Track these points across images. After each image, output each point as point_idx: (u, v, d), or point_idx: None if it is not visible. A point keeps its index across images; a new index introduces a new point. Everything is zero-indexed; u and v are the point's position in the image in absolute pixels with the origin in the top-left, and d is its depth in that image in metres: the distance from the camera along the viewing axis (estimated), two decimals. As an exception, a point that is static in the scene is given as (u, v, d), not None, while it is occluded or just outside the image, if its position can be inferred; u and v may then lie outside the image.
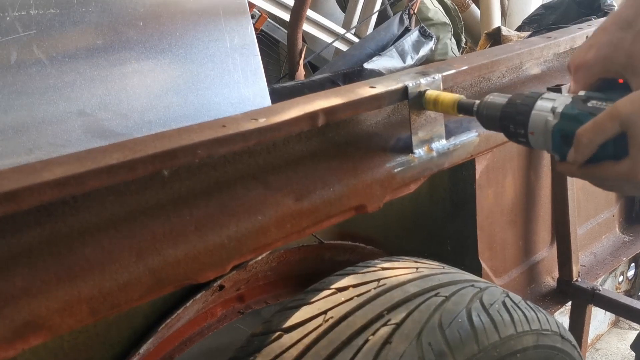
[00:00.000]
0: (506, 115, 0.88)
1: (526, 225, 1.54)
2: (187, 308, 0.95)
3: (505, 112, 0.89)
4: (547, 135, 0.84)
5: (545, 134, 0.84)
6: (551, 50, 1.33)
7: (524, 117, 0.86)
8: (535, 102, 0.85)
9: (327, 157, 0.96)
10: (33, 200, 0.63)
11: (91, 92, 1.18)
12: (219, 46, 1.38)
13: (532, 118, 0.85)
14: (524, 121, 0.86)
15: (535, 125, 0.85)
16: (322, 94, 0.95)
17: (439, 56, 3.56)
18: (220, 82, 1.39)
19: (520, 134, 0.87)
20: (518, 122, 0.87)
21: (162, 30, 1.29)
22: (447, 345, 0.82)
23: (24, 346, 0.65)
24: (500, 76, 1.26)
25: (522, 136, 0.87)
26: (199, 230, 0.78)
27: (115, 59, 1.22)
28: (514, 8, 4.09)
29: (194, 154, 0.76)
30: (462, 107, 0.96)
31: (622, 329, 2.27)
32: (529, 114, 0.85)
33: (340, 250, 1.23)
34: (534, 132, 0.85)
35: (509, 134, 0.90)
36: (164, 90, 1.30)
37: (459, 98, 0.96)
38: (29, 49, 1.10)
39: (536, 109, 0.85)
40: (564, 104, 0.83)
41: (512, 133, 0.89)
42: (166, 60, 1.30)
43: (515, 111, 0.87)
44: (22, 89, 1.10)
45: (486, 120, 0.93)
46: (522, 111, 0.86)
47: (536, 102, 0.85)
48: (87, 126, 1.18)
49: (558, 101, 0.84)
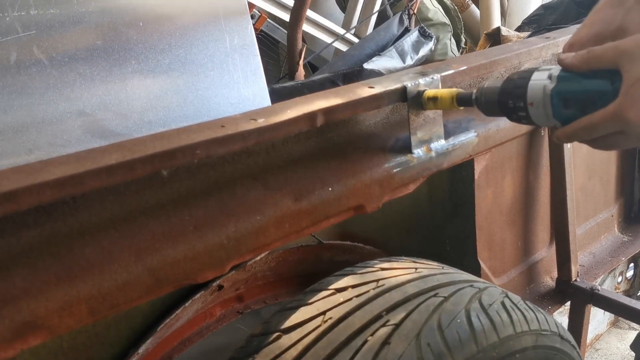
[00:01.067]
0: (505, 92, 0.89)
1: (525, 225, 1.54)
2: (186, 308, 0.95)
3: (504, 89, 0.89)
4: (546, 102, 0.84)
5: (544, 101, 0.84)
6: (550, 51, 1.34)
7: (522, 90, 0.86)
8: (532, 74, 0.86)
9: (326, 157, 0.96)
10: (33, 200, 0.63)
11: (91, 92, 1.18)
12: (218, 46, 1.38)
13: (530, 88, 0.86)
14: (522, 93, 0.86)
15: (533, 95, 0.85)
16: (321, 94, 0.95)
17: (438, 56, 3.56)
18: (220, 83, 1.38)
19: (519, 107, 0.87)
20: (517, 95, 0.87)
21: (161, 30, 1.29)
22: (446, 346, 0.82)
23: (24, 346, 0.65)
24: (499, 76, 1.26)
25: (522, 110, 0.87)
26: (198, 230, 0.79)
27: (115, 59, 1.22)
28: (514, 8, 4.09)
29: (193, 154, 0.76)
30: (461, 99, 0.96)
31: (621, 329, 2.27)
32: (526, 85, 0.86)
33: (339, 250, 1.24)
34: (533, 102, 0.85)
35: (509, 112, 0.90)
36: (164, 91, 1.30)
37: (456, 92, 0.97)
38: (29, 49, 1.10)
39: (533, 79, 0.86)
40: (560, 69, 0.84)
41: (512, 109, 0.89)
42: (166, 60, 1.30)
43: (513, 85, 0.88)
44: (22, 89, 1.10)
45: (486, 106, 0.93)
46: (520, 84, 0.87)
47: (533, 74, 0.86)
48: (87, 126, 1.18)
49: (554, 69, 0.85)
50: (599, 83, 0.80)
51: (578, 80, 0.82)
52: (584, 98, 0.82)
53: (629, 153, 1.90)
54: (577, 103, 0.82)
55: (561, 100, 0.83)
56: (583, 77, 0.82)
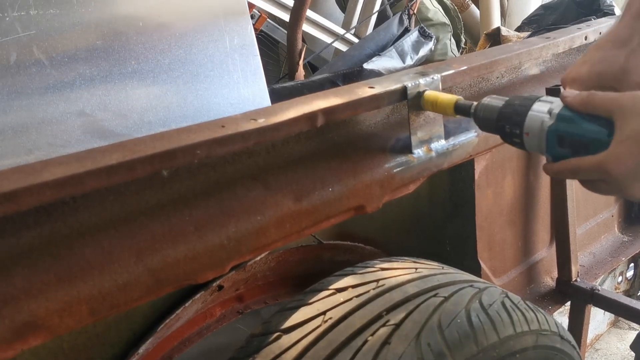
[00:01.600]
0: (503, 116, 0.89)
1: (525, 225, 1.54)
2: (186, 308, 0.95)
3: (503, 113, 0.89)
4: (541, 136, 0.85)
5: (540, 135, 0.85)
6: (550, 51, 1.34)
7: (521, 118, 0.86)
8: (533, 104, 0.86)
9: (326, 157, 0.96)
10: (32, 200, 0.63)
11: (91, 92, 1.18)
12: (218, 46, 1.38)
13: (528, 119, 0.86)
14: (520, 122, 0.87)
15: (531, 126, 0.86)
16: (321, 94, 0.95)
17: (438, 56, 3.56)
18: (219, 83, 1.38)
19: (515, 134, 0.88)
20: (514, 122, 0.87)
21: (161, 30, 1.29)
22: (446, 346, 0.82)
23: (24, 346, 0.65)
24: (499, 76, 1.27)
25: (517, 137, 0.88)
26: (198, 230, 0.78)
27: (114, 60, 1.22)
28: (514, 8, 4.09)
29: (193, 154, 0.76)
30: (459, 109, 0.96)
31: (621, 329, 2.27)
32: (525, 114, 0.86)
33: (340, 250, 1.23)
34: (529, 133, 0.86)
35: (504, 135, 0.90)
36: (164, 91, 1.30)
37: (456, 99, 0.97)
38: (29, 50, 1.10)
39: (533, 110, 0.86)
40: (561, 106, 0.84)
41: (508, 134, 0.89)
42: (166, 60, 1.30)
43: (512, 112, 0.88)
44: (22, 90, 1.10)
45: (483, 122, 0.93)
46: (520, 112, 0.87)
47: (534, 104, 0.86)
48: (87, 126, 1.18)
49: (555, 104, 0.85)
50: (596, 130, 0.80)
51: (577, 123, 0.82)
52: (579, 141, 0.82)
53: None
54: (571, 144, 0.83)
55: (557, 138, 0.84)
56: (582, 120, 0.82)
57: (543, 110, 0.85)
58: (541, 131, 0.85)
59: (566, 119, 0.83)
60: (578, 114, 0.82)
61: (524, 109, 0.86)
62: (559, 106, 0.84)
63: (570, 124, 0.82)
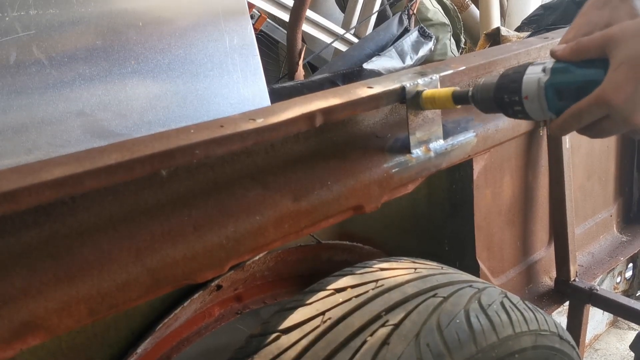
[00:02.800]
0: (500, 88, 0.90)
1: (524, 225, 1.54)
2: (184, 308, 0.95)
3: (500, 84, 0.90)
4: (540, 94, 0.85)
5: (539, 94, 0.86)
6: (548, 51, 1.34)
7: (517, 84, 0.87)
8: (527, 68, 0.88)
9: (325, 157, 0.96)
10: (32, 200, 0.63)
11: (90, 92, 1.18)
12: (218, 46, 1.38)
13: (524, 81, 0.87)
14: (517, 88, 0.87)
15: (528, 88, 0.86)
16: (319, 94, 0.95)
17: (438, 56, 3.56)
18: (219, 83, 1.39)
19: (515, 102, 0.88)
20: (512, 90, 0.88)
21: (161, 30, 1.29)
22: (445, 346, 0.82)
23: (23, 346, 0.65)
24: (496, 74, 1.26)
25: (517, 104, 0.88)
26: (197, 230, 0.79)
27: (114, 59, 1.22)
28: (513, 8, 4.09)
29: (191, 154, 0.76)
30: (457, 97, 0.97)
31: (621, 329, 2.27)
32: (521, 79, 0.87)
33: (338, 250, 1.24)
34: (528, 95, 0.87)
35: (505, 107, 0.91)
36: (163, 91, 1.30)
37: (452, 90, 0.97)
38: (29, 49, 1.10)
39: (528, 73, 0.87)
40: (554, 61, 0.86)
41: (508, 104, 0.90)
42: (165, 60, 1.30)
43: (508, 80, 0.89)
44: (22, 89, 1.10)
45: (482, 102, 0.94)
46: (515, 78, 0.88)
47: (528, 68, 0.88)
48: (87, 126, 1.18)
49: (548, 62, 0.87)
50: (591, 72, 0.82)
51: (571, 71, 0.83)
52: (578, 88, 0.83)
53: (627, 153, 1.90)
54: (571, 94, 0.83)
55: (555, 92, 0.84)
56: (576, 67, 0.83)
57: (537, 70, 0.86)
58: (539, 89, 0.85)
59: (561, 70, 0.84)
60: (571, 63, 0.84)
61: (519, 74, 0.88)
62: (553, 62, 0.86)
63: (565, 73, 0.84)
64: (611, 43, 0.78)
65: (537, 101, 0.86)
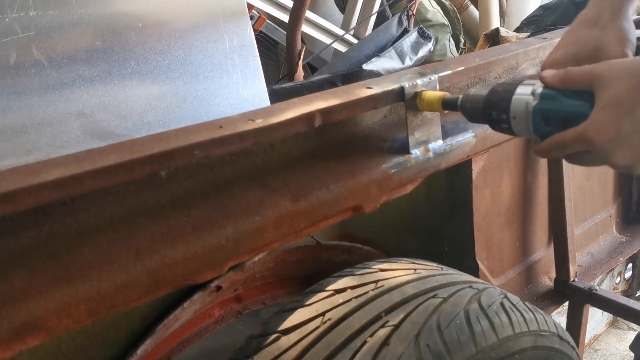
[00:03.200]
0: (489, 104, 0.91)
1: (523, 225, 1.54)
2: (184, 309, 0.95)
3: (488, 101, 0.91)
4: (528, 118, 0.86)
5: (526, 117, 0.86)
6: (547, 51, 1.33)
7: (506, 103, 0.88)
8: (516, 88, 0.88)
9: (324, 157, 0.96)
10: (31, 201, 0.64)
11: (90, 93, 1.18)
12: (218, 47, 1.38)
13: (513, 102, 0.87)
14: (505, 107, 0.88)
15: (516, 109, 0.87)
16: (318, 94, 0.95)
17: (437, 57, 3.56)
18: (219, 83, 1.39)
19: (502, 119, 0.89)
20: (500, 108, 0.89)
21: (161, 31, 1.29)
22: (445, 347, 0.82)
23: (22, 347, 0.65)
24: (496, 77, 1.27)
25: (504, 122, 0.89)
26: (196, 231, 0.79)
27: (114, 60, 1.22)
28: (513, 9, 4.09)
29: (191, 154, 0.76)
30: (446, 103, 0.98)
31: (621, 329, 2.27)
32: (510, 99, 0.88)
33: (338, 251, 1.24)
34: (516, 116, 0.87)
35: (492, 122, 0.92)
36: (163, 92, 1.30)
37: (442, 95, 0.98)
38: (28, 50, 1.10)
39: (517, 94, 0.87)
40: (543, 86, 0.86)
41: (495, 120, 0.91)
42: (165, 61, 1.30)
43: (497, 98, 0.90)
44: (21, 90, 1.10)
45: (470, 113, 0.95)
46: (504, 97, 0.88)
47: (517, 88, 0.88)
48: (86, 127, 1.18)
49: (537, 84, 0.87)
50: (578, 104, 0.82)
51: (559, 100, 0.84)
52: (564, 117, 0.84)
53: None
54: (557, 121, 0.84)
55: (542, 118, 0.85)
56: (564, 96, 0.84)
57: (526, 92, 0.87)
58: (527, 113, 0.86)
59: (549, 97, 0.85)
60: (560, 91, 0.84)
61: (508, 94, 0.88)
62: (542, 86, 0.86)
63: (553, 101, 0.84)
64: (598, 81, 0.79)
65: (524, 123, 0.87)
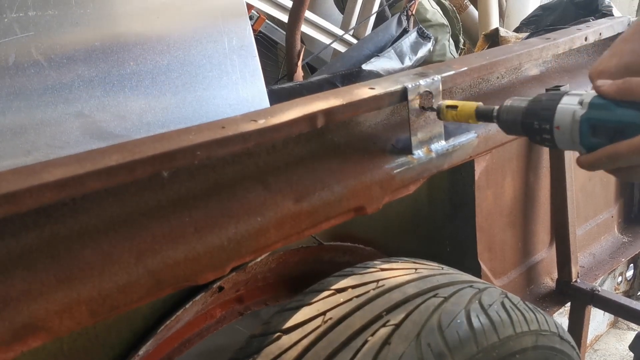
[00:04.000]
0: (530, 113, 0.88)
1: (525, 226, 1.54)
2: (186, 310, 0.95)
3: (530, 110, 0.88)
4: (574, 127, 0.84)
5: (572, 126, 0.84)
6: (550, 52, 1.34)
7: (550, 112, 0.86)
8: (562, 98, 0.86)
9: (327, 158, 0.96)
10: (32, 202, 0.63)
11: (89, 93, 1.18)
12: (217, 47, 1.38)
13: (558, 111, 0.85)
14: (549, 116, 0.86)
15: (561, 119, 0.85)
16: (321, 95, 0.95)
17: (437, 57, 3.56)
18: (218, 84, 1.38)
19: (545, 129, 0.87)
20: (543, 117, 0.86)
21: (160, 31, 1.28)
22: (446, 346, 0.82)
23: (23, 348, 0.64)
24: (499, 77, 1.27)
25: (546, 132, 0.87)
26: (198, 231, 0.78)
27: (113, 61, 1.21)
28: (512, 9, 4.09)
29: (193, 155, 0.76)
30: (480, 114, 0.96)
31: (620, 329, 2.27)
32: (555, 108, 0.85)
33: (340, 251, 1.23)
34: (560, 126, 0.85)
35: (533, 132, 0.89)
36: (162, 92, 1.29)
37: (476, 105, 0.96)
38: (27, 51, 1.10)
39: (563, 103, 0.85)
40: (592, 95, 0.84)
41: (536, 130, 0.88)
42: (164, 61, 1.29)
43: (540, 107, 0.87)
44: (20, 91, 1.09)
45: (507, 124, 0.92)
46: (548, 106, 0.86)
47: (562, 98, 0.86)
48: (86, 128, 1.18)
49: (585, 94, 0.85)
50: (632, 115, 0.79)
51: (611, 109, 0.81)
52: (614, 128, 0.81)
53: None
54: (606, 132, 0.82)
55: (590, 128, 0.83)
56: (616, 106, 0.81)
57: (573, 102, 0.84)
58: (573, 122, 0.83)
59: (599, 106, 0.82)
60: (611, 101, 0.82)
61: (553, 102, 0.86)
62: (590, 95, 0.84)
63: (603, 111, 0.81)
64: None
65: (569, 133, 0.84)
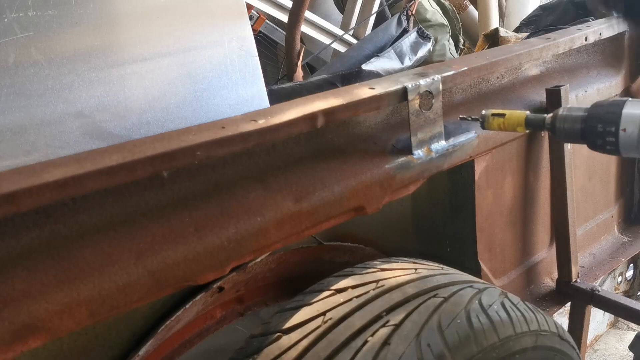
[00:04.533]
0: (594, 116, 0.89)
1: (525, 226, 1.53)
2: (186, 310, 0.95)
3: (593, 114, 0.89)
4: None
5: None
6: (550, 52, 1.34)
7: (616, 115, 0.87)
8: (625, 103, 0.87)
9: (327, 158, 0.96)
10: (32, 202, 0.63)
11: (89, 93, 1.18)
12: (217, 47, 1.38)
13: (624, 114, 0.86)
14: (615, 119, 0.87)
15: (629, 121, 0.85)
16: (321, 95, 0.95)
17: (437, 57, 3.56)
18: (218, 84, 1.38)
19: (609, 132, 0.87)
20: (609, 120, 0.87)
21: (160, 31, 1.28)
22: (446, 347, 0.82)
23: (23, 348, 0.64)
24: (499, 77, 1.26)
25: (611, 135, 0.87)
26: (198, 232, 0.78)
27: (113, 61, 1.21)
28: (512, 9, 4.10)
29: (193, 155, 0.76)
30: (530, 123, 0.96)
31: (620, 329, 2.27)
32: (620, 110, 0.86)
33: (340, 251, 1.23)
34: (627, 128, 0.86)
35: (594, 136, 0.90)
36: (162, 92, 1.29)
37: (526, 114, 0.97)
38: (27, 51, 1.10)
39: (628, 107, 0.86)
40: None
41: (599, 134, 0.89)
42: (164, 61, 1.29)
43: (604, 111, 0.88)
44: (20, 91, 1.09)
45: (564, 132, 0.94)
46: (613, 110, 0.87)
47: (626, 102, 0.87)
48: (85, 128, 1.17)
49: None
50: None
51: None
52: None
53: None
54: None
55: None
56: None
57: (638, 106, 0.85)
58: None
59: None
60: None
61: (617, 107, 0.87)
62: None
63: None
64: None
65: (636, 136, 0.85)
